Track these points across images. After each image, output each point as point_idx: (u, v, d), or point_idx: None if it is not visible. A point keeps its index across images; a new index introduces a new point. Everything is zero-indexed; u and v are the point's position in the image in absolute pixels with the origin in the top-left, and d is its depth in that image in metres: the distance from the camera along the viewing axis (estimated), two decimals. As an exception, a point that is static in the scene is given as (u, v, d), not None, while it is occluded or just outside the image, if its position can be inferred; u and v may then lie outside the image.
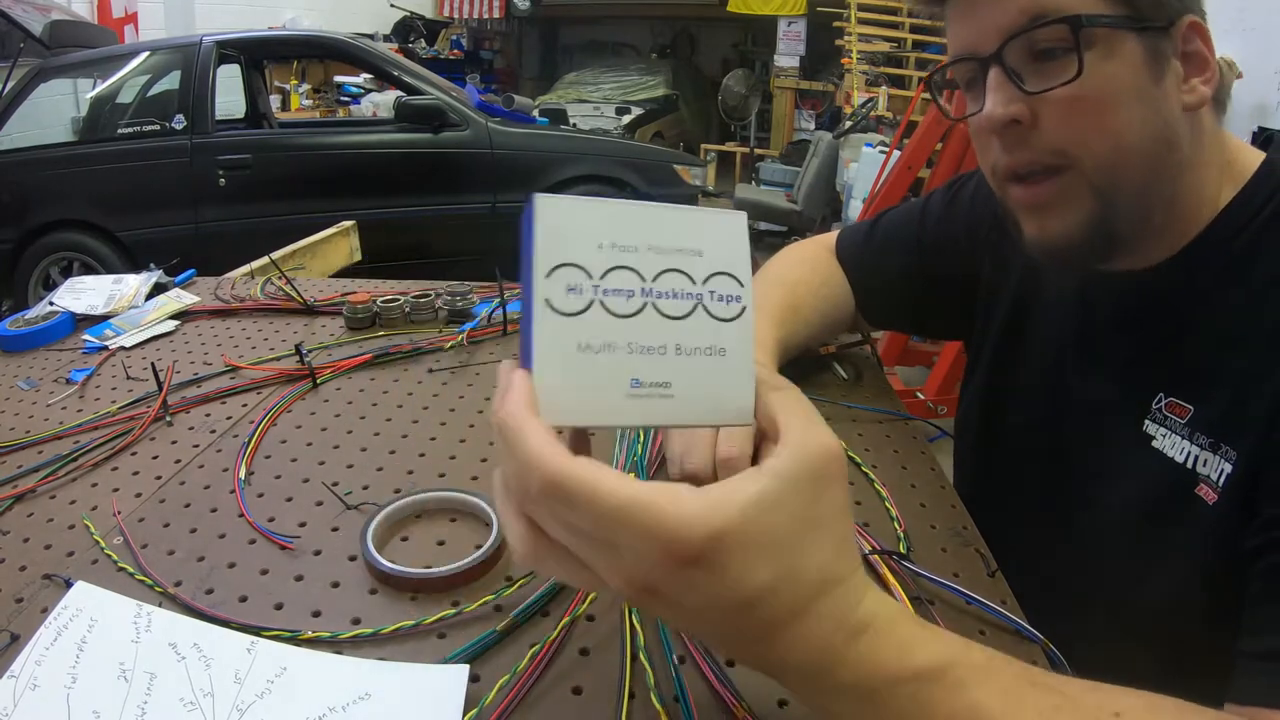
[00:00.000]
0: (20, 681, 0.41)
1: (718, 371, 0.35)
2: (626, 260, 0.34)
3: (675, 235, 0.35)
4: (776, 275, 0.81)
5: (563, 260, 0.34)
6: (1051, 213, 0.53)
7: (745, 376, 0.36)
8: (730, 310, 0.35)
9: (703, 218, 0.35)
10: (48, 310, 0.93)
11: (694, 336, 0.35)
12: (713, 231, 0.35)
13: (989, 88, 0.52)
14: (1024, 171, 0.53)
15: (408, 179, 3.83)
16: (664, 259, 0.35)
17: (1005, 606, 0.48)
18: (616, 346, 0.34)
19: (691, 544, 0.30)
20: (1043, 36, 0.50)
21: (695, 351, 0.35)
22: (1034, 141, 0.52)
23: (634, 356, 0.34)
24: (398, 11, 8.36)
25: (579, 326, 0.34)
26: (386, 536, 0.55)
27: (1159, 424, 0.55)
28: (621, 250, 0.34)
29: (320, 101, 6.54)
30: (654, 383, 0.34)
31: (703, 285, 0.35)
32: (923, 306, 0.81)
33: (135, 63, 3.78)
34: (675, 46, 10.90)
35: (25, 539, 0.54)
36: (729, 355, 0.35)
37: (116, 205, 3.53)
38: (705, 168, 4.92)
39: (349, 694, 0.41)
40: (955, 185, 0.79)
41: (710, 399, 0.35)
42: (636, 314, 0.34)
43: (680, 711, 0.41)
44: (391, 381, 0.78)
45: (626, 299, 0.34)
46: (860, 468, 0.64)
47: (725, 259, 0.35)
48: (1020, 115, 0.51)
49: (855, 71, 5.56)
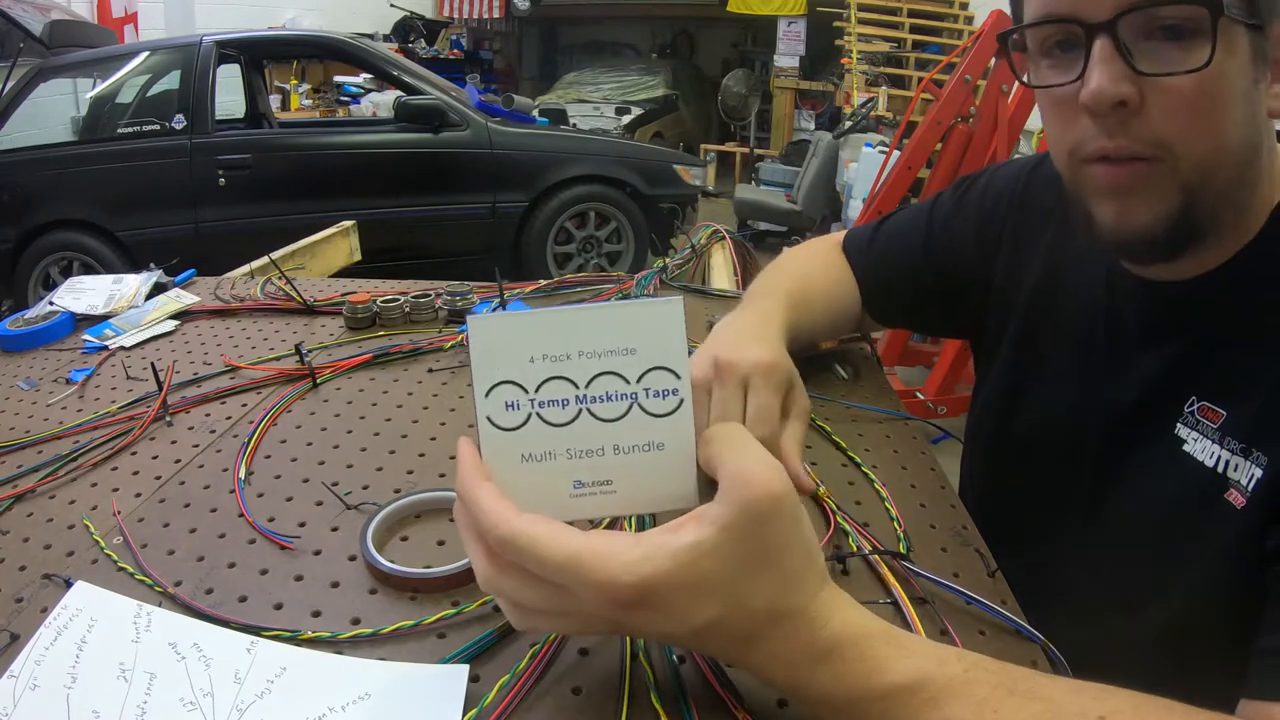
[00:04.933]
0: (20, 681, 0.41)
1: (657, 466, 0.37)
2: (560, 370, 0.36)
3: (607, 336, 0.36)
4: (789, 268, 0.81)
5: (498, 379, 0.36)
6: (1135, 200, 0.50)
7: (686, 466, 0.37)
8: (667, 405, 0.36)
9: (634, 312, 0.36)
10: (48, 310, 0.93)
11: (631, 435, 0.36)
12: (646, 325, 0.36)
13: (1096, 60, 0.47)
14: (1116, 156, 0.49)
15: (408, 179, 3.84)
16: (597, 363, 0.36)
17: (1005, 606, 0.48)
18: (556, 454, 0.36)
19: (626, 590, 0.33)
20: (1171, 14, 0.45)
21: (633, 449, 0.36)
22: (1135, 128, 0.48)
23: (574, 461, 0.36)
24: (398, 11, 8.36)
25: (520, 439, 0.36)
26: (386, 536, 0.55)
27: (1191, 428, 0.54)
28: (554, 361, 0.36)
29: (320, 101, 6.54)
30: (595, 481, 0.37)
31: (637, 384, 0.36)
32: (928, 305, 0.80)
33: (135, 63, 3.78)
34: (675, 46, 10.91)
35: (25, 539, 0.54)
36: (667, 449, 0.37)
37: (116, 205, 3.53)
38: (705, 168, 4.92)
39: (349, 694, 0.41)
40: (963, 185, 0.77)
41: (651, 490, 0.37)
42: (572, 421, 0.36)
43: (680, 711, 0.41)
44: (391, 381, 0.78)
45: (562, 408, 0.36)
46: (860, 468, 0.64)
47: (659, 353, 0.36)
48: (1129, 97, 0.47)
49: (855, 71, 5.55)
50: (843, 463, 0.65)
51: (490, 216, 3.93)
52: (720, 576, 0.33)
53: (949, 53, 4.40)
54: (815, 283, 0.78)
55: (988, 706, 0.34)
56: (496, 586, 0.36)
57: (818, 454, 0.66)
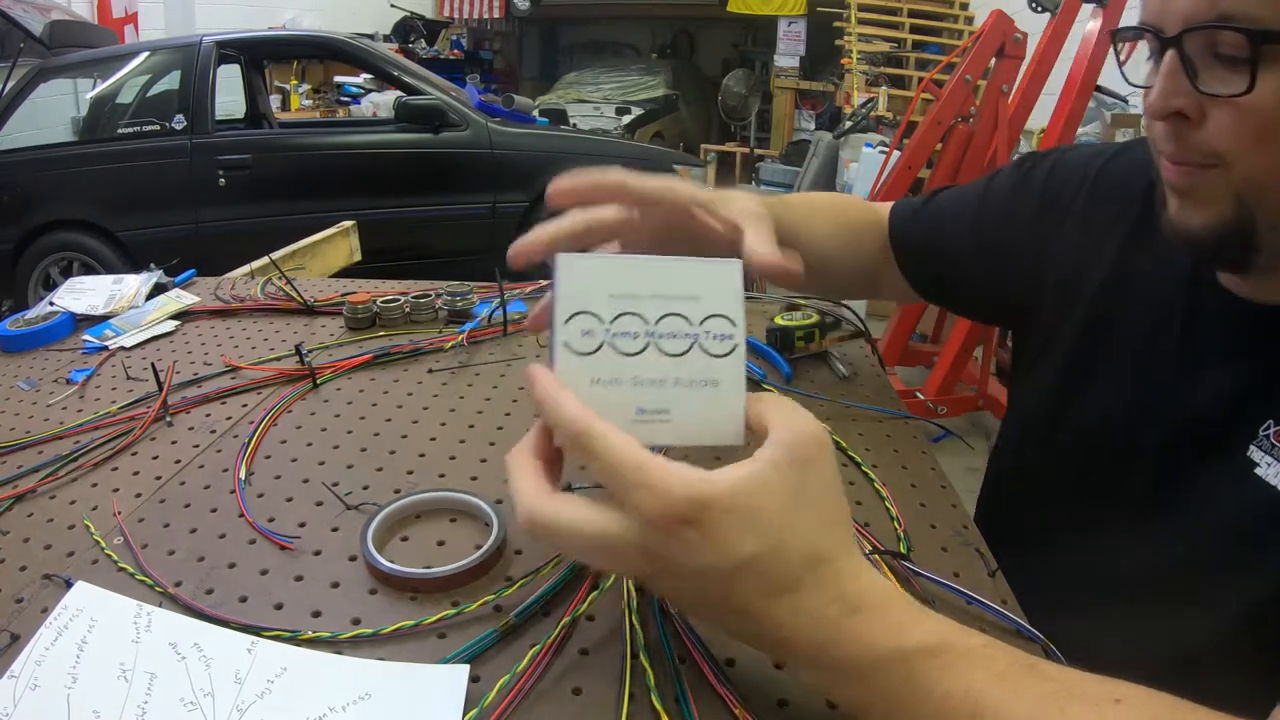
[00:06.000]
0: (20, 682, 0.41)
1: (711, 401, 0.40)
2: (632, 307, 0.40)
3: (676, 284, 0.40)
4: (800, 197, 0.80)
5: (578, 309, 0.39)
6: (1190, 200, 0.52)
7: (736, 404, 0.40)
8: (723, 347, 0.40)
9: (701, 268, 0.40)
10: (48, 310, 0.93)
11: (690, 371, 0.40)
12: (709, 279, 0.40)
13: (1160, 72, 0.49)
14: (1176, 160, 0.52)
15: (408, 179, 3.84)
16: (665, 304, 0.40)
17: (1005, 606, 0.48)
18: (623, 381, 0.40)
19: (681, 502, 0.34)
20: (1221, 40, 0.47)
21: (692, 384, 0.40)
22: (1193, 139, 0.50)
23: (638, 389, 0.40)
24: (398, 11, 8.36)
25: (592, 364, 0.39)
26: (386, 537, 0.55)
27: (1266, 452, 0.54)
28: (628, 299, 0.40)
29: (320, 101, 6.55)
30: (655, 410, 0.40)
31: (699, 326, 0.40)
32: (970, 279, 0.76)
33: (135, 63, 3.78)
34: (675, 46, 10.91)
35: (25, 539, 0.54)
36: (721, 386, 0.40)
37: (116, 205, 3.53)
38: (705, 168, 4.92)
39: (349, 694, 0.41)
40: (1027, 163, 0.75)
41: (704, 424, 0.40)
42: (640, 352, 0.40)
43: (680, 711, 0.41)
44: (391, 382, 0.78)
45: (632, 339, 0.40)
46: (860, 467, 0.64)
47: (720, 303, 0.40)
48: (1187, 110, 0.49)
49: (855, 71, 5.56)
50: (843, 462, 0.65)
51: (490, 216, 3.93)
52: (768, 509, 0.35)
53: (949, 53, 4.40)
54: (819, 202, 0.78)
55: (1008, 679, 0.35)
56: (539, 504, 0.37)
57: (818, 454, 0.66)
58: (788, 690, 0.42)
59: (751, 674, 0.43)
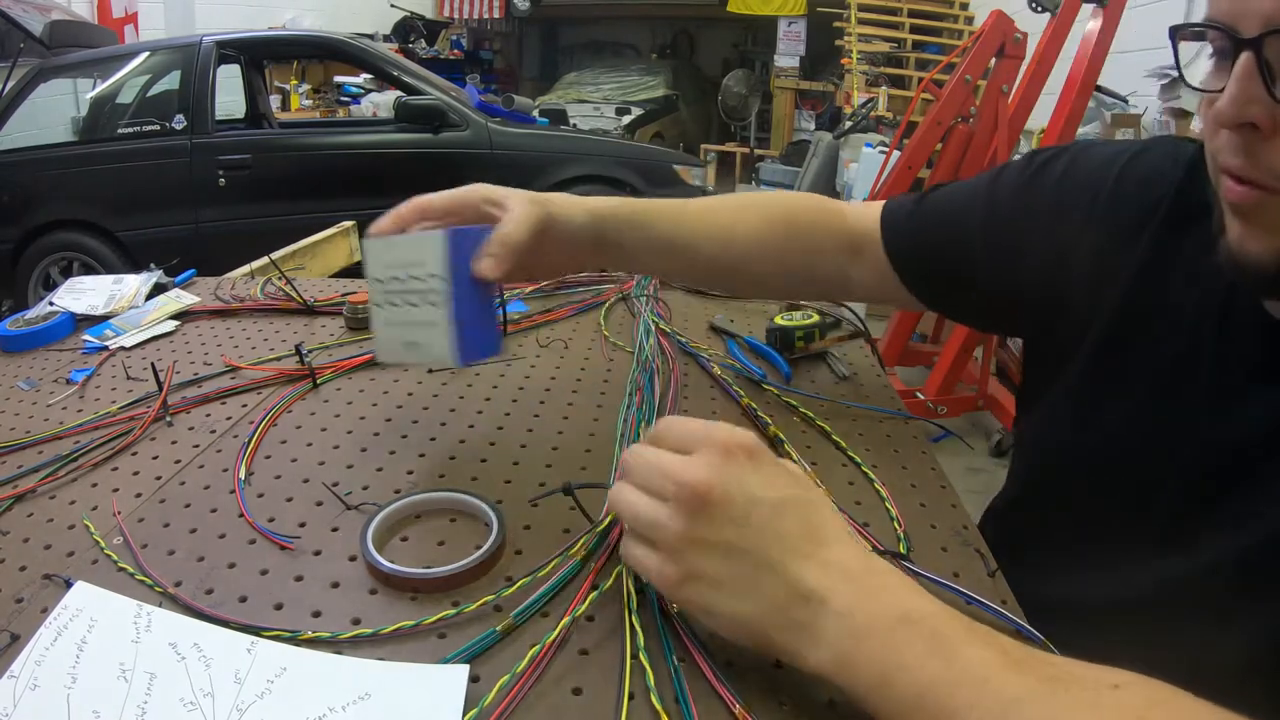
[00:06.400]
0: (20, 682, 0.41)
1: (436, 335, 0.58)
2: (395, 272, 0.60)
3: (413, 254, 0.59)
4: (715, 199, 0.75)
5: (373, 276, 0.63)
6: (1254, 226, 0.47)
7: (444, 338, 0.57)
8: (436, 298, 0.57)
9: (423, 240, 0.58)
10: (48, 310, 0.93)
11: (422, 315, 0.58)
12: (427, 248, 0.57)
13: (1234, 75, 0.44)
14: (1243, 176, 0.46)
15: (408, 179, 3.77)
16: (408, 269, 0.59)
17: (1005, 606, 0.48)
18: (394, 323, 0.62)
19: (747, 437, 0.44)
20: None
21: (423, 324, 0.59)
22: (1263, 155, 0.44)
23: (403, 328, 0.60)
24: (398, 12, 8.36)
25: (382, 314, 0.63)
26: (386, 537, 0.55)
27: None
28: (393, 266, 0.61)
29: (320, 101, 6.54)
30: (411, 342, 0.60)
31: (425, 283, 0.58)
32: (974, 282, 0.69)
33: (135, 63, 3.78)
34: (675, 47, 10.92)
35: (25, 539, 0.54)
36: (437, 325, 0.57)
37: (116, 205, 3.53)
38: (705, 168, 4.91)
39: (349, 694, 0.41)
40: (1037, 159, 0.68)
41: (435, 350, 0.59)
42: (400, 304, 0.60)
43: (680, 712, 0.41)
44: (391, 382, 0.78)
45: (396, 295, 0.60)
46: (860, 467, 0.64)
47: (434, 265, 0.57)
48: (1260, 121, 0.43)
49: (855, 71, 5.56)
50: (843, 463, 0.65)
51: (490, 216, 3.93)
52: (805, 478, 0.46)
53: (949, 53, 4.40)
54: (736, 203, 0.73)
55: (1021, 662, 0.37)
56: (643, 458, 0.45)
57: (818, 454, 0.66)
58: (787, 690, 0.42)
59: (751, 674, 0.43)
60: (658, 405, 0.71)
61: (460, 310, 0.57)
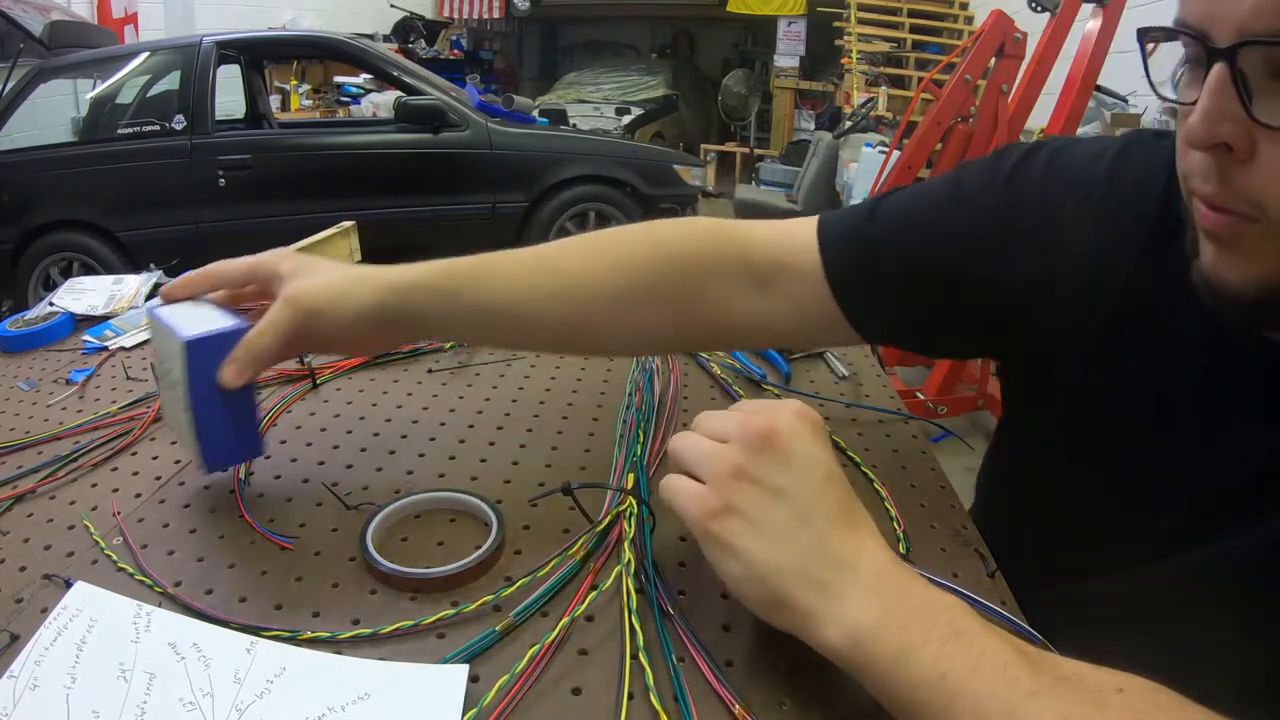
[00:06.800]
0: (20, 682, 0.41)
1: (186, 437, 0.56)
2: (161, 358, 0.58)
3: (165, 353, 0.56)
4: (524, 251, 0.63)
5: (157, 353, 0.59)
6: (1227, 253, 0.42)
7: (193, 445, 0.55)
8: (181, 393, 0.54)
9: (170, 342, 0.54)
10: (48, 311, 0.93)
11: (177, 411, 0.55)
12: (174, 352, 0.53)
13: (1207, 89, 0.39)
14: (1214, 204, 0.42)
15: (408, 179, 3.84)
16: (165, 364, 0.57)
17: (1004, 607, 0.48)
18: (167, 403, 0.60)
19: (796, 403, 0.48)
20: None
21: (180, 422, 0.56)
22: (1237, 180, 0.40)
23: (175, 412, 0.56)
24: (398, 12, 8.36)
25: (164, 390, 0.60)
26: (386, 537, 0.55)
27: None
28: (159, 352, 0.58)
29: (320, 102, 6.54)
30: (181, 427, 0.56)
31: (177, 385, 0.54)
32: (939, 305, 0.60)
33: (135, 63, 3.77)
34: (675, 47, 10.91)
35: (25, 539, 0.54)
36: (185, 428, 0.55)
37: (116, 205, 3.53)
38: (705, 168, 4.92)
39: (348, 694, 0.41)
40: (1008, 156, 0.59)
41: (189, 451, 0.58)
42: (168, 390, 0.57)
43: (679, 711, 0.41)
44: (391, 382, 0.78)
45: (165, 381, 0.58)
46: (860, 467, 0.64)
47: (179, 372, 0.53)
48: (1233, 141, 0.39)
49: (855, 71, 5.56)
50: (842, 462, 0.65)
51: (490, 217, 3.93)
52: None
53: (949, 53, 4.40)
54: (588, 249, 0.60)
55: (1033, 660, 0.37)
56: None
57: (817, 454, 0.66)
58: (787, 690, 0.42)
59: (750, 674, 0.43)
60: (657, 405, 0.71)
61: (202, 420, 0.53)
